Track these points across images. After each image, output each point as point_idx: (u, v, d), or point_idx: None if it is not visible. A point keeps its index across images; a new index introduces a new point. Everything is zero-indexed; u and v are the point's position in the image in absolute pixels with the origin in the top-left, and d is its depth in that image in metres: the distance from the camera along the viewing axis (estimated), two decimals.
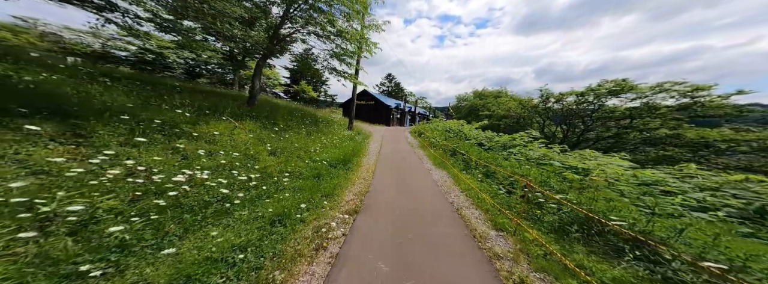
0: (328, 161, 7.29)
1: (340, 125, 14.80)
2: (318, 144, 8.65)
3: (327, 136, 10.62)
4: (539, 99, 22.40)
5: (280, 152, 6.24)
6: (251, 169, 4.97)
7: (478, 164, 7.86)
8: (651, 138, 15.37)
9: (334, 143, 9.81)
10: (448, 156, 10.81)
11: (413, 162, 9.43)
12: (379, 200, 5.13)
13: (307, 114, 12.78)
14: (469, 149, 10.83)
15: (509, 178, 6.29)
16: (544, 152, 8.90)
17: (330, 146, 9.20)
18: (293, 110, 12.19)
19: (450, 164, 8.92)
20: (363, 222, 4.18)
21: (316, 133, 10.27)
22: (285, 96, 40.71)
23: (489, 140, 14.22)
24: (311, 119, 12.04)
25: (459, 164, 9.13)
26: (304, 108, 16.25)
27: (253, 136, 6.25)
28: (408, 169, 8.16)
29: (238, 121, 6.75)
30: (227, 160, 4.82)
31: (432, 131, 18.29)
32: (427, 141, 14.93)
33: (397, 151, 11.72)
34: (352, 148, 10.03)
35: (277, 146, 6.37)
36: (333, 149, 8.96)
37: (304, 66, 15.21)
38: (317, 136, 9.69)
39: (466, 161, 9.46)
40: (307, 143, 8.17)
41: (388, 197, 5.39)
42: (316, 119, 12.54)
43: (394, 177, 7.02)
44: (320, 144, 8.77)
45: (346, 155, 8.34)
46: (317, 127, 11.13)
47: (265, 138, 6.56)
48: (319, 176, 5.92)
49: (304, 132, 9.26)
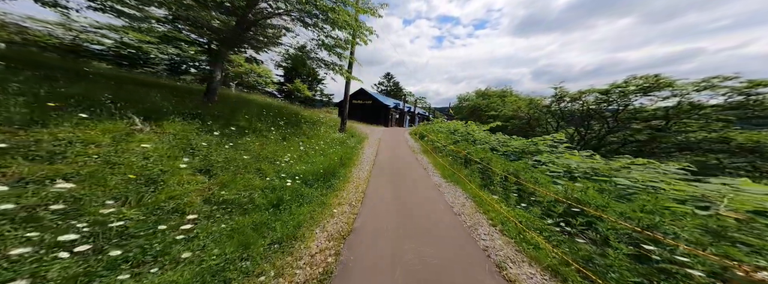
0: (302, 176, 5.29)
1: (330, 127, 12.78)
2: (293, 152, 6.63)
3: (311, 140, 8.60)
4: (552, 98, 20.44)
5: (221, 167, 4.22)
6: (135, 202, 2.92)
7: (507, 180, 5.86)
8: (686, 142, 13.44)
9: (317, 150, 7.80)
10: (458, 165, 8.83)
11: (417, 174, 7.44)
12: (369, 252, 3.13)
13: (286, 113, 10.70)
14: (484, 155, 8.85)
15: (561, 204, 4.29)
16: (580, 160, 6.94)
17: (311, 154, 7.20)
18: (269, 108, 10.05)
19: (464, 178, 6.94)
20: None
21: (296, 136, 8.24)
22: (279, 95, 38.68)
23: (503, 144, 12.26)
24: (291, 120, 9.90)
25: (475, 177, 7.14)
26: (287, 106, 14.02)
27: (171, 144, 4.14)
28: (411, 186, 6.16)
29: (154, 122, 4.65)
30: (88, 190, 2.77)
31: (435, 133, 16.31)
32: (431, 145, 12.96)
33: (396, 158, 9.72)
34: (341, 155, 8.03)
35: (216, 159, 4.33)
36: (315, 158, 6.97)
37: (297, 62, 13.31)
38: (295, 141, 7.65)
39: (484, 173, 7.47)
40: (277, 150, 6.16)
41: (384, 242, 3.38)
42: (298, 120, 10.42)
43: (394, 200, 5.02)
44: (297, 152, 6.75)
45: (330, 167, 6.34)
46: (298, 129, 9.06)
47: (198, 146, 4.50)
48: (278, 205, 3.91)
49: (276, 136, 7.19)
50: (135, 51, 22.71)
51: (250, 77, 32.07)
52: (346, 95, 13.45)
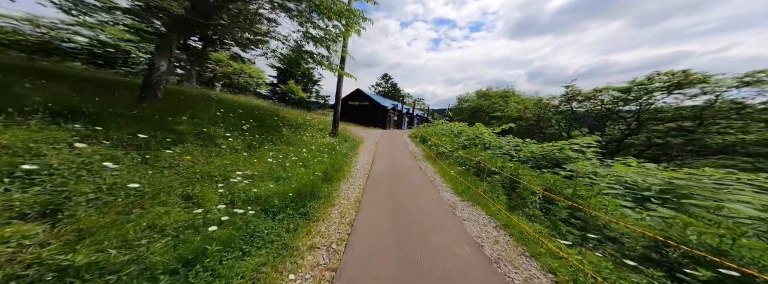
0: (264, 200, 3.69)
1: (319, 130, 11.15)
2: (258, 165, 5.00)
3: (291, 148, 6.98)
4: (563, 98, 18.91)
5: (89, 201, 2.55)
6: None
7: (551, 201, 4.27)
8: (720, 144, 11.92)
9: (296, 161, 6.19)
10: (471, 176, 7.25)
11: (423, 190, 5.84)
12: None
13: (259, 115, 8.88)
14: (503, 164, 7.29)
15: (665, 247, 2.72)
16: (638, 171, 5.43)
17: (288, 166, 5.59)
18: (236, 108, 8.29)
19: (484, 195, 5.35)
20: None
21: (270, 143, 6.59)
22: (273, 97, 37.04)
23: (518, 149, 10.71)
24: (266, 123, 8.25)
25: (498, 193, 5.56)
26: (267, 106, 12.02)
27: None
28: (417, 209, 4.56)
29: None
30: None
31: (438, 136, 14.74)
32: (435, 150, 11.40)
33: (396, 167, 8.12)
34: (328, 166, 6.43)
35: (80, 188, 2.62)
36: (293, 171, 5.37)
37: (291, 62, 11.84)
38: (264, 150, 6.00)
39: (509, 188, 5.89)
40: (230, 164, 4.54)
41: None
42: (276, 123, 8.68)
43: (394, 236, 3.42)
44: (264, 165, 5.13)
45: (308, 184, 4.74)
46: (274, 134, 7.35)
47: (55, 165, 2.81)
48: (194, 260, 2.29)
49: (237, 145, 5.49)
50: (113, 49, 21.11)
51: (241, 78, 30.46)
52: (338, 94, 11.87)
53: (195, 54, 14.00)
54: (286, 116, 9.96)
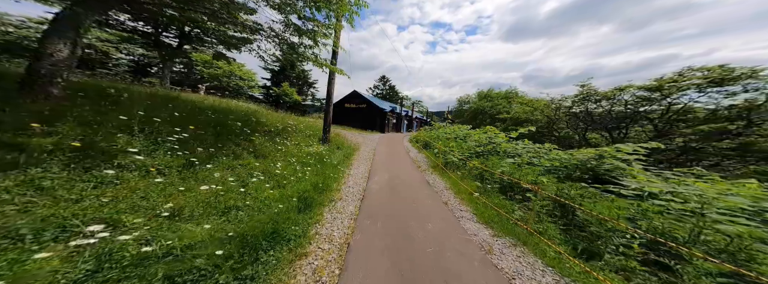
0: (175, 258, 2.16)
1: (307, 137, 9.58)
2: (192, 194, 3.44)
3: (262, 161, 5.42)
4: (576, 98, 17.37)
5: None
6: None
7: (658, 249, 2.74)
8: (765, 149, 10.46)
9: (266, 180, 4.63)
10: (494, 194, 5.72)
11: (437, 218, 4.28)
12: None
13: (215, 120, 6.43)
14: (537, 179, 5.76)
15: None
16: (722, 186, 3.96)
17: (251, 189, 4.05)
18: (183, 108, 6.34)
19: (524, 226, 3.81)
20: None
21: (231, 157, 4.98)
22: (266, 100, 35.45)
23: (536, 155, 9.20)
24: (229, 130, 6.15)
25: (544, 224, 4.03)
26: (238, 107, 9.62)
27: None
28: (437, 258, 3.01)
29: None
30: None
31: (444, 141, 13.22)
32: (441, 158, 9.87)
33: (397, 182, 6.57)
34: (311, 184, 4.88)
35: None
36: (258, 195, 3.83)
37: (286, 62, 10.25)
38: (215, 167, 4.38)
39: (555, 214, 4.37)
40: (149, 193, 2.99)
41: None
42: (250, 128, 6.93)
43: None
44: (208, 192, 3.56)
45: (270, 219, 3.20)
46: (243, 144, 5.76)
47: None
48: None
49: (166, 163, 3.78)
50: (89, 50, 19.57)
51: (231, 81, 28.91)
52: (330, 94, 10.33)
53: (170, 52, 12.46)
54: (264, 120, 8.29)
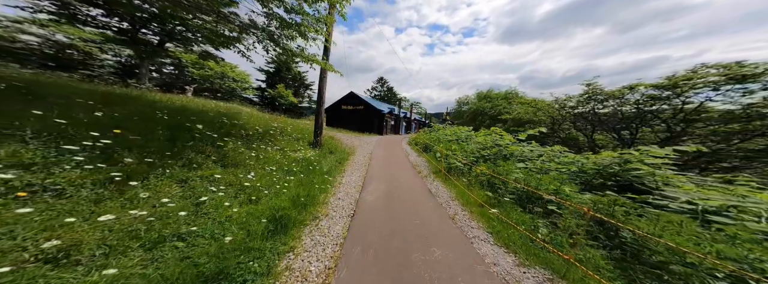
0: None
1: (295, 141, 8.70)
2: (116, 219, 2.59)
3: (231, 172, 4.56)
4: (581, 98, 16.55)
5: None
6: None
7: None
8: None
9: (230, 196, 3.80)
10: (510, 206, 4.89)
11: (446, 241, 3.43)
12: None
13: (180, 123, 5.37)
14: (559, 189, 4.94)
15: None
16: None
17: (208, 209, 3.21)
18: (136, 111, 5.10)
19: (561, 254, 2.98)
20: None
21: (186, 169, 4.06)
22: (261, 102, 34.56)
23: (551, 159, 8.42)
24: (188, 134, 4.97)
25: (584, 250, 3.21)
26: (207, 108, 8.31)
27: None
28: None
29: None
30: None
31: (445, 143, 12.41)
32: (444, 163, 9.04)
33: (396, 192, 5.72)
34: (290, 199, 4.04)
35: None
36: (218, 215, 3.00)
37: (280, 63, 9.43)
38: (168, 181, 3.46)
39: (593, 234, 3.54)
40: (33, 222, 2.15)
41: None
42: (223, 132, 5.96)
43: None
44: (135, 221, 2.71)
45: (224, 254, 2.37)
46: (212, 152, 4.69)
47: None
48: None
49: (89, 180, 2.86)
50: (70, 51, 18.65)
51: (224, 82, 28.03)
52: (321, 93, 9.50)
53: (149, 51, 11.59)
54: (241, 122, 7.35)
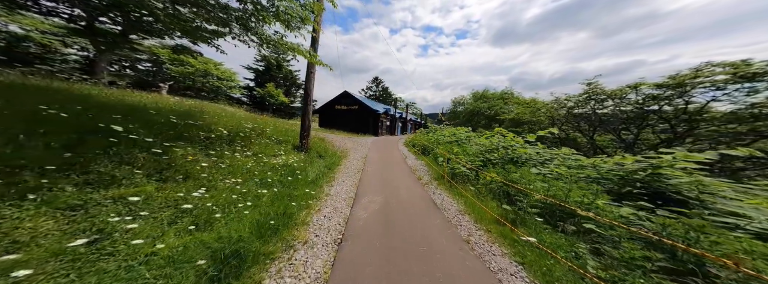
0: None
1: (277, 144, 7.65)
2: None
3: (182, 187, 3.53)
4: (580, 98, 15.87)
5: None
6: None
7: None
8: None
9: (177, 221, 2.80)
10: (534, 222, 3.98)
11: None
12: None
13: (91, 123, 3.83)
14: (593, 202, 4.05)
15: None
16: None
17: (120, 245, 2.21)
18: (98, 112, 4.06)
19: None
20: None
21: (117, 186, 3.02)
22: (250, 102, 33.21)
23: (566, 163, 7.58)
24: (118, 137, 3.60)
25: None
26: (159, 106, 7.04)
27: None
28: None
29: None
30: None
31: (446, 145, 11.51)
32: (446, 167, 8.11)
33: (395, 206, 4.76)
34: (254, 224, 3.06)
35: None
36: (135, 254, 2.00)
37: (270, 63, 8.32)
38: (53, 206, 2.36)
39: (665, 269, 2.63)
40: None
41: None
42: (173, 135, 4.66)
43: None
44: None
45: None
46: (147, 161, 3.45)
47: None
48: None
49: None
50: (31, 45, 17.15)
51: (207, 80, 26.65)
52: (308, 90, 8.49)
53: (109, 42, 10.35)
54: (200, 123, 6.10)
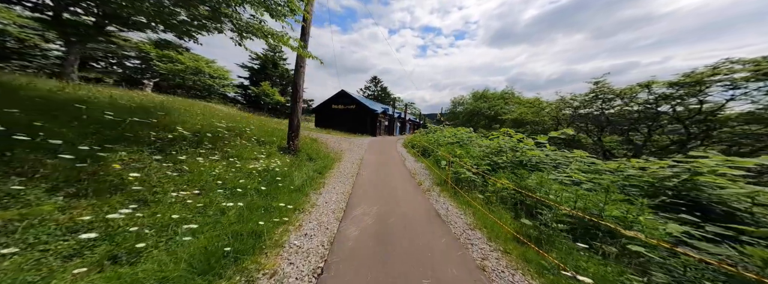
0: None
1: (261, 145, 6.87)
2: None
3: (106, 203, 2.77)
4: (586, 97, 15.19)
5: None
6: None
7: None
8: None
9: (83, 253, 2.04)
10: (560, 239, 3.24)
11: None
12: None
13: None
14: (635, 219, 3.33)
15: None
16: None
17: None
18: None
19: None
20: None
21: None
22: (244, 101, 32.37)
23: (596, 169, 6.87)
24: None
25: None
26: (113, 100, 6.44)
27: None
28: None
29: None
30: None
31: (447, 147, 10.77)
32: (449, 171, 7.35)
33: (392, 219, 4.01)
34: (202, 253, 2.31)
35: None
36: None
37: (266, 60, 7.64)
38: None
39: None
40: None
41: None
42: (112, 136, 3.85)
43: None
44: None
45: None
46: (55, 169, 2.65)
47: None
48: None
49: None
50: (10, 40, 16.29)
51: (198, 78, 25.78)
52: (297, 85, 7.72)
53: (81, 33, 9.56)
54: (154, 121, 5.20)
